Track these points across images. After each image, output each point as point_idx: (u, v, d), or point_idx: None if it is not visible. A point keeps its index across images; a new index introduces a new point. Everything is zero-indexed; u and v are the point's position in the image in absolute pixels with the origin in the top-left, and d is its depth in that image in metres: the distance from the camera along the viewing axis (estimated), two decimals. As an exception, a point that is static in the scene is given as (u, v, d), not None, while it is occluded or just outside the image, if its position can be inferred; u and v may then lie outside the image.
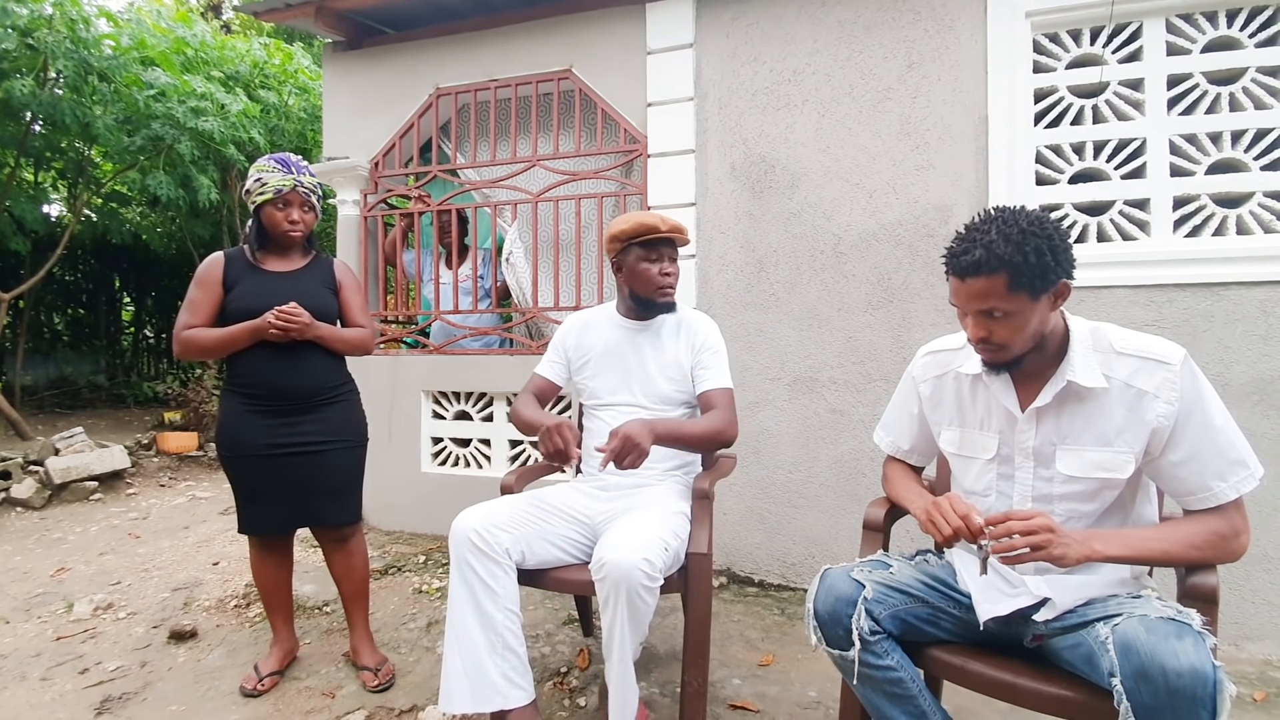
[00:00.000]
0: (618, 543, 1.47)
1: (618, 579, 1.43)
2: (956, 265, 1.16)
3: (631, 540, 1.47)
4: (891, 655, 1.23)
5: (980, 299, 1.14)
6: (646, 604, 1.46)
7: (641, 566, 1.42)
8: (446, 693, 1.53)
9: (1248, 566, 2.15)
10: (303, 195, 1.91)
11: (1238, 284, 2.21)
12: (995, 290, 1.12)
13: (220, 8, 9.13)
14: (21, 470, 4.17)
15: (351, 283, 2.05)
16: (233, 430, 1.90)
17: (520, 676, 1.53)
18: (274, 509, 1.92)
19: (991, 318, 1.16)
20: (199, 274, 1.90)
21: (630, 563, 1.42)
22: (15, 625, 2.43)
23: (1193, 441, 1.14)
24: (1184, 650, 0.94)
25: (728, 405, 1.77)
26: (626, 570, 1.42)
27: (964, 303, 1.18)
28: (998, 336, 1.17)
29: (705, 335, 1.85)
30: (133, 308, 9.43)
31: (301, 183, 1.90)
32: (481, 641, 1.52)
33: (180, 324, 1.86)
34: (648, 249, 1.78)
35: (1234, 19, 2.32)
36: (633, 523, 1.56)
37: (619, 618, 1.44)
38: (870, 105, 2.61)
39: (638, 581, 1.42)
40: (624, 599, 1.43)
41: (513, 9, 3.13)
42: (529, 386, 1.92)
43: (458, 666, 1.52)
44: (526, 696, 1.53)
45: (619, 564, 1.43)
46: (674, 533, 1.58)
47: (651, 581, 1.45)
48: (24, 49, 4.51)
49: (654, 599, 1.48)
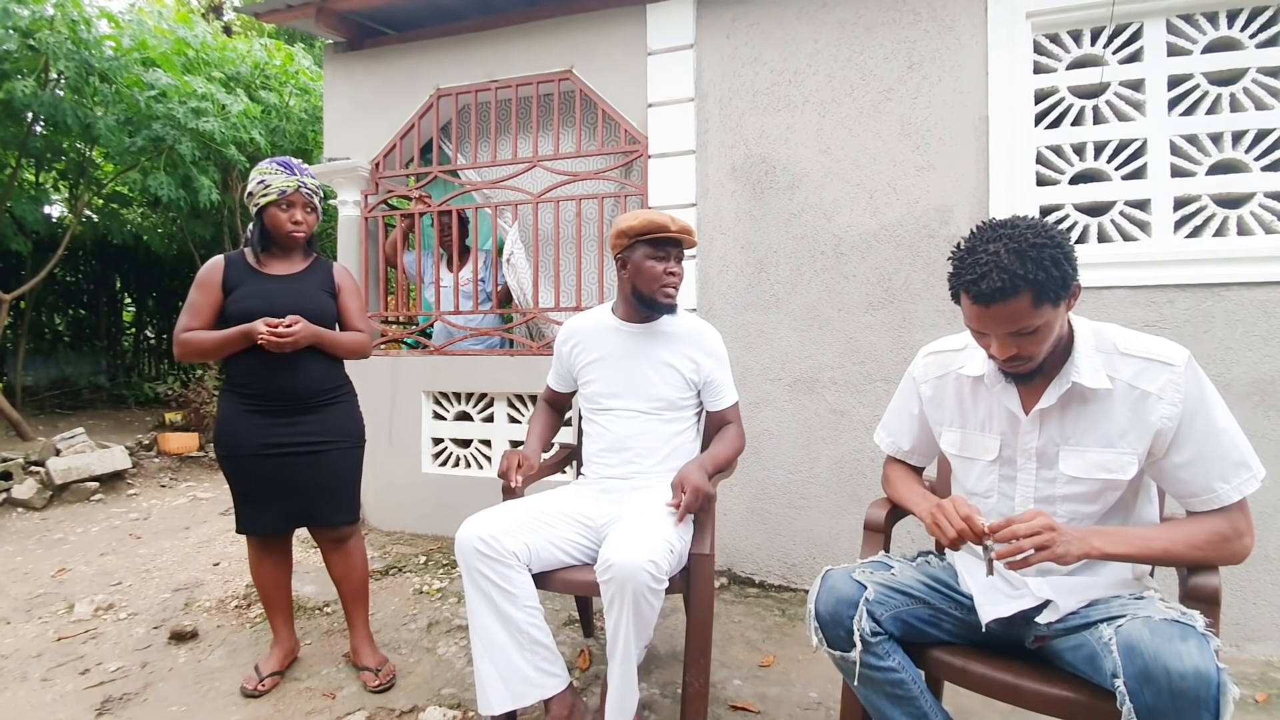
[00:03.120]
0: (623, 545, 1.47)
1: (624, 581, 1.43)
2: (977, 292, 1.10)
3: (637, 542, 1.47)
4: (893, 656, 1.23)
5: (1010, 322, 1.11)
6: (652, 606, 1.47)
7: (648, 569, 1.42)
8: (484, 698, 1.55)
9: (1249, 567, 2.15)
10: (306, 196, 1.93)
11: (1238, 284, 2.21)
12: (1022, 311, 1.09)
13: (221, 9, 9.13)
14: (22, 471, 4.17)
15: (350, 287, 2.06)
16: (230, 430, 1.91)
17: (552, 665, 1.57)
18: (271, 509, 1.92)
19: (1020, 336, 1.13)
20: (199, 277, 1.92)
21: (636, 564, 1.42)
22: (16, 626, 2.43)
23: (1196, 443, 1.13)
24: (1188, 652, 0.94)
25: (739, 418, 1.90)
26: (633, 572, 1.42)
27: (990, 328, 1.14)
28: (1026, 351, 1.14)
29: (710, 346, 1.86)
30: (134, 308, 9.43)
31: (305, 184, 1.92)
32: (508, 642, 1.54)
33: (180, 326, 1.88)
34: (655, 247, 1.77)
35: (1234, 19, 2.32)
36: (637, 525, 1.56)
37: (624, 620, 1.45)
38: (871, 106, 2.61)
39: (644, 584, 1.42)
40: (629, 601, 1.43)
41: (513, 9, 3.13)
42: (542, 396, 2.07)
43: (490, 671, 1.54)
44: (562, 683, 1.57)
45: (625, 566, 1.43)
46: (679, 535, 1.59)
47: (657, 584, 1.45)
48: (25, 50, 4.51)
49: (659, 601, 1.48)
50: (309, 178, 1.94)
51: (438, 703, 1.88)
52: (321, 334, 1.90)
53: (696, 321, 1.91)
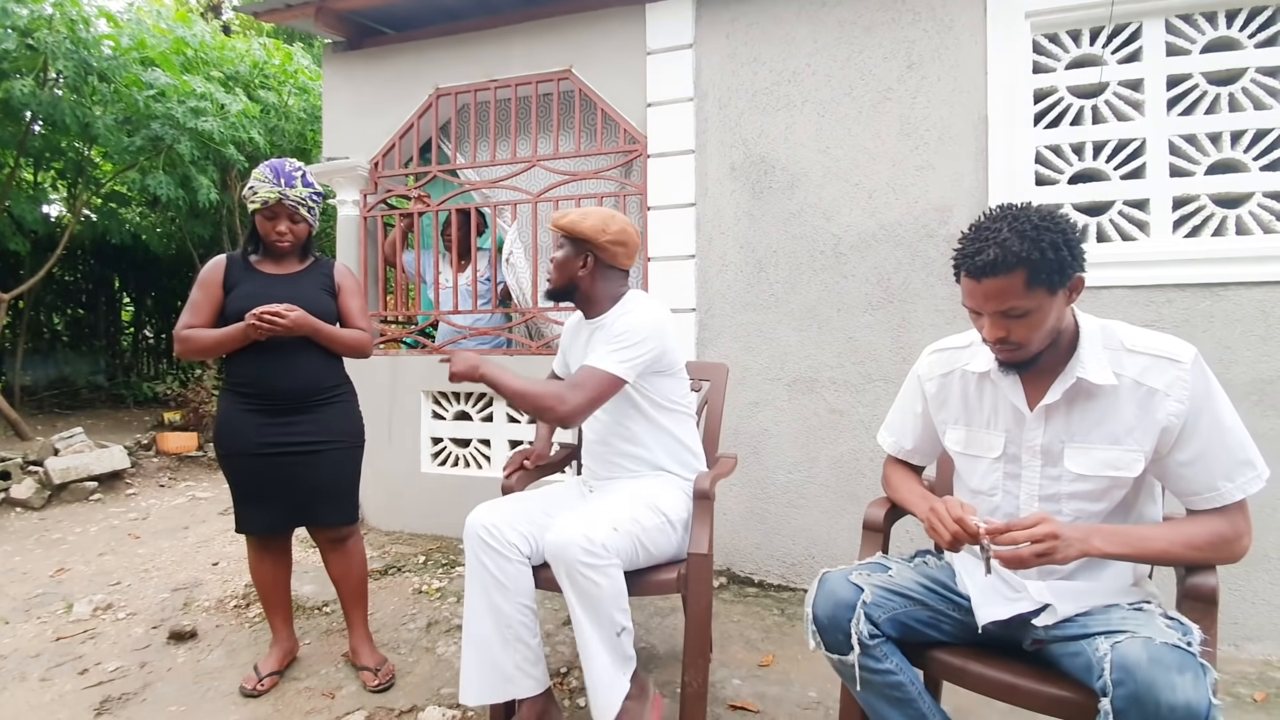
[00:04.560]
0: (561, 524, 1.48)
1: (555, 557, 1.44)
2: (971, 265, 1.13)
3: (575, 520, 1.48)
4: (891, 659, 1.23)
5: (999, 299, 1.12)
6: (594, 583, 1.43)
7: (578, 542, 1.41)
8: (463, 686, 1.56)
9: (1248, 567, 2.15)
10: (289, 208, 1.89)
11: (1237, 284, 2.21)
12: (1013, 289, 1.10)
13: (220, 8, 9.13)
14: (21, 470, 4.17)
15: (351, 286, 2.05)
16: (228, 429, 1.92)
17: (532, 666, 1.55)
18: (269, 508, 1.93)
19: (1010, 317, 1.13)
20: (201, 275, 1.93)
21: (567, 539, 1.42)
22: (15, 626, 2.42)
23: (1202, 441, 1.13)
24: (1183, 685, 0.92)
25: (579, 383, 1.59)
26: (562, 547, 1.42)
27: (981, 303, 1.15)
28: (1016, 335, 1.15)
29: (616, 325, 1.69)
30: (132, 308, 9.43)
31: (287, 195, 1.87)
32: (494, 636, 1.54)
33: (180, 324, 1.89)
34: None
35: (1233, 19, 2.32)
36: (586, 507, 1.57)
37: (571, 602, 1.45)
38: (870, 106, 2.61)
39: (575, 558, 1.41)
40: (566, 578, 1.43)
41: (513, 9, 3.13)
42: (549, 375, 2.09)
43: (473, 660, 1.55)
44: (538, 685, 1.56)
45: (555, 542, 1.44)
46: (632, 518, 1.55)
47: (591, 558, 1.42)
48: (24, 49, 4.50)
49: (604, 579, 1.43)
50: (299, 186, 1.89)
51: (437, 702, 1.88)
52: (319, 325, 1.89)
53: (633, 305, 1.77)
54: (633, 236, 1.80)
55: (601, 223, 1.74)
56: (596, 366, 1.61)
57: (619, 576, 1.47)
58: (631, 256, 1.81)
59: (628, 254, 1.80)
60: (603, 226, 1.74)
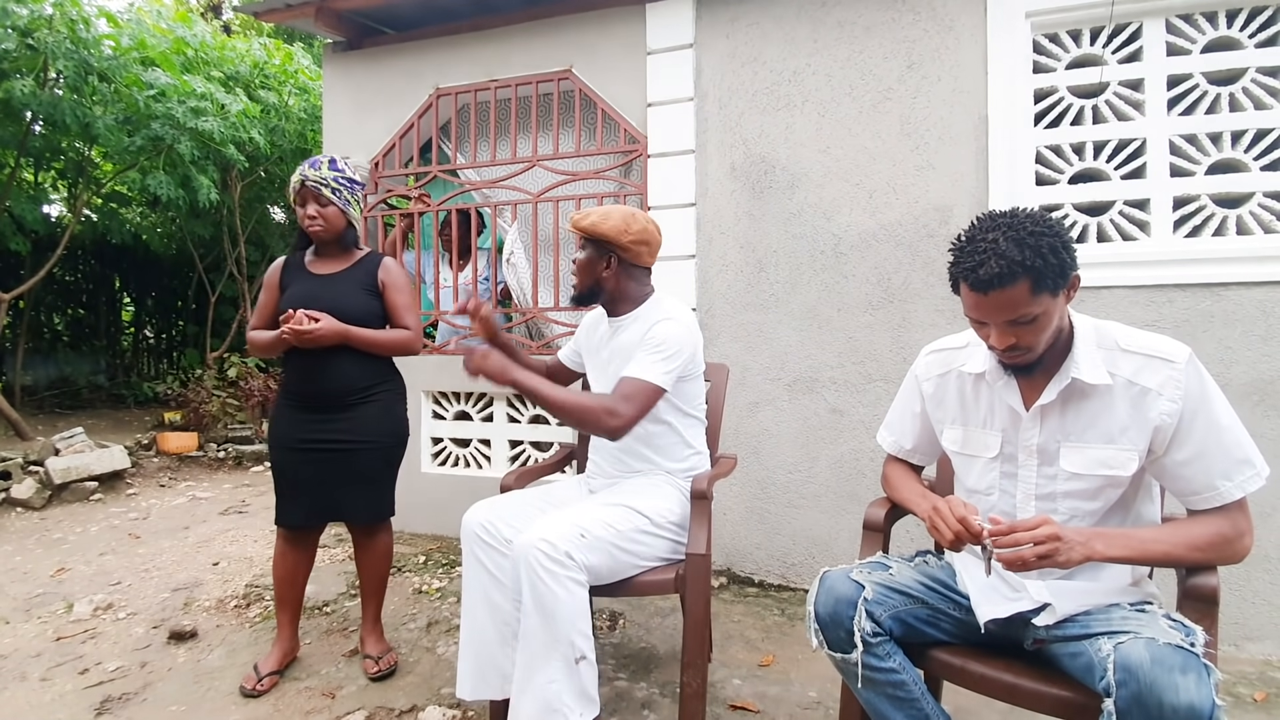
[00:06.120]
0: (532, 528, 1.47)
1: (516, 559, 1.43)
2: (974, 280, 1.11)
3: (543, 524, 1.47)
4: (894, 657, 1.23)
5: (1008, 309, 1.11)
6: (552, 591, 1.38)
7: (539, 546, 1.40)
8: (460, 680, 1.57)
9: (1248, 567, 2.15)
10: (313, 189, 1.91)
11: (1237, 284, 2.21)
12: (1020, 298, 1.09)
13: (220, 8, 9.13)
14: (21, 470, 4.16)
15: (396, 282, 2.04)
16: (273, 423, 2.04)
17: None
18: (300, 501, 1.99)
19: (1018, 325, 1.13)
20: (264, 277, 2.07)
21: (528, 541, 1.41)
22: (15, 625, 2.43)
23: (1198, 440, 1.13)
24: (1186, 686, 0.92)
25: (629, 396, 1.55)
26: (523, 550, 1.41)
27: (988, 315, 1.15)
28: (1024, 341, 1.15)
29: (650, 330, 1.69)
30: (133, 308, 9.41)
31: (308, 177, 1.91)
32: (491, 632, 1.54)
33: (249, 324, 2.04)
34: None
35: (1234, 19, 2.32)
36: (561, 511, 1.56)
37: (526, 607, 1.42)
38: (870, 105, 2.61)
39: (535, 561, 1.39)
40: (526, 582, 1.41)
41: (512, 9, 3.13)
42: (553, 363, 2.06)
43: (469, 655, 1.56)
44: None
45: (519, 544, 1.43)
46: (605, 523, 1.52)
47: (553, 564, 1.38)
48: (24, 49, 4.50)
49: (562, 589, 1.38)
50: (322, 169, 1.93)
51: (437, 702, 1.88)
52: (351, 332, 1.90)
53: (663, 310, 1.75)
54: (655, 234, 1.79)
55: (623, 223, 1.74)
56: (642, 378, 1.58)
57: (581, 594, 1.42)
58: (654, 254, 1.81)
59: (650, 252, 1.79)
60: (625, 227, 1.73)
